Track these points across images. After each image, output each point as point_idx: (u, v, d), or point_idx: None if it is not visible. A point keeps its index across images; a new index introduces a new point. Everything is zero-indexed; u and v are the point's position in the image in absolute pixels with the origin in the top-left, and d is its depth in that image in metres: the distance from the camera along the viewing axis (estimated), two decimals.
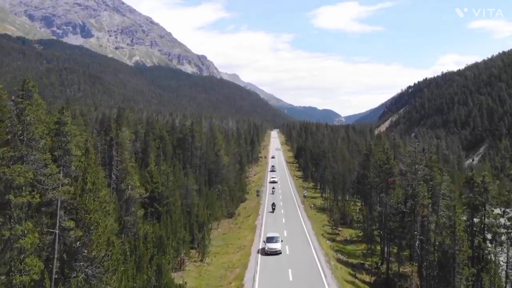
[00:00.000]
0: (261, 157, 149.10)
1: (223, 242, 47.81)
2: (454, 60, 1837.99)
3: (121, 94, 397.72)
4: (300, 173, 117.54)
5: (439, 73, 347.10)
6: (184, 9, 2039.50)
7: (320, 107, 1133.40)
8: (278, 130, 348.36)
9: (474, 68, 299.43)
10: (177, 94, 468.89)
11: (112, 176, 45.35)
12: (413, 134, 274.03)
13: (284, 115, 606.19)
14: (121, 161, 47.86)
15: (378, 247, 47.76)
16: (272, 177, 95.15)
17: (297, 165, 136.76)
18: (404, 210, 38.08)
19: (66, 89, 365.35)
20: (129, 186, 39.25)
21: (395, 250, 46.62)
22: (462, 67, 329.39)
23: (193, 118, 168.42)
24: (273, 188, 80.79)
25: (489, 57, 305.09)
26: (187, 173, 53.93)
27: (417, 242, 38.21)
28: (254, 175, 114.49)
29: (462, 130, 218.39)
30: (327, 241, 48.48)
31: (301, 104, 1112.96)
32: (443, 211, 38.92)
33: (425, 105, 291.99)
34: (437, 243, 38.57)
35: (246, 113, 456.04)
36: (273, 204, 61.34)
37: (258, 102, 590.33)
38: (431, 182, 38.89)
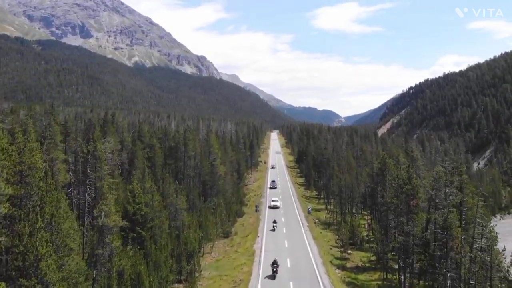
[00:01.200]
0: (260, 161, 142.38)
1: (216, 272, 41.02)
2: (453, 60, 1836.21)
3: (119, 95, 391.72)
4: (301, 180, 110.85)
5: (439, 74, 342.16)
6: (183, 9, 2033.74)
7: (320, 107, 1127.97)
8: (278, 131, 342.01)
9: (476, 69, 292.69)
10: (176, 95, 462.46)
11: (87, 197, 38.67)
12: (415, 136, 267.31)
13: (284, 116, 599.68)
14: (99, 178, 41.27)
15: (395, 277, 41.12)
16: (273, 201, 70.35)
17: (298, 170, 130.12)
18: (432, 243, 31.45)
19: (64, 89, 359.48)
20: (103, 213, 32.55)
21: (414, 280, 40.06)
22: (462, 67, 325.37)
23: (190, 121, 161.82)
24: (274, 223, 55.10)
25: (491, 57, 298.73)
26: (177, 189, 47.10)
27: (448, 283, 31.48)
28: (254, 182, 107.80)
29: (466, 132, 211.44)
30: (337, 270, 41.74)
31: (301, 105, 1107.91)
32: (478, 243, 32.25)
33: (427, 107, 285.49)
34: (471, 282, 31.93)
35: (245, 114, 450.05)
36: (274, 264, 37.86)
37: (258, 102, 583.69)
38: (464, 209, 32.18)
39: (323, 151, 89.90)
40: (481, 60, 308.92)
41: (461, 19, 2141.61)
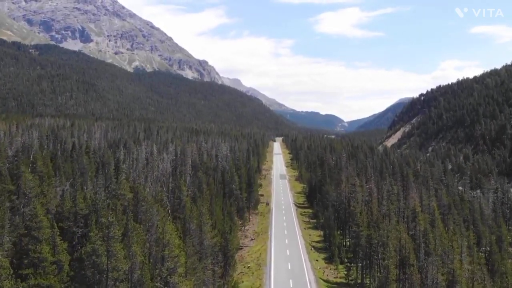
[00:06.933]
0: (261, 195, 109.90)
1: None
2: (455, 65, 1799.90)
3: (116, 101, 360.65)
4: (316, 234, 77.91)
5: (441, 78, 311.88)
6: (186, 15, 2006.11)
7: (322, 111, 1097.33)
8: (281, 139, 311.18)
9: (494, 75, 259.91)
10: (176, 100, 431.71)
11: None
12: (430, 148, 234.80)
13: (286, 121, 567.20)
14: None
15: None
16: None
17: (309, 210, 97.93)
18: None
19: (57, 96, 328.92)
20: None
21: None
22: (463, 72, 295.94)
23: (179, 146, 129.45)
24: None
25: (509, 63, 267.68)
26: None
27: None
28: (252, 239, 75.31)
29: (495, 148, 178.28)
30: None
31: (304, 109, 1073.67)
32: None
33: (442, 116, 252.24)
34: None
35: (247, 121, 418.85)
36: None
37: (260, 108, 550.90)
38: None
39: (354, 214, 57.26)
40: (483, 65, 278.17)
41: (462, 24, 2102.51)
